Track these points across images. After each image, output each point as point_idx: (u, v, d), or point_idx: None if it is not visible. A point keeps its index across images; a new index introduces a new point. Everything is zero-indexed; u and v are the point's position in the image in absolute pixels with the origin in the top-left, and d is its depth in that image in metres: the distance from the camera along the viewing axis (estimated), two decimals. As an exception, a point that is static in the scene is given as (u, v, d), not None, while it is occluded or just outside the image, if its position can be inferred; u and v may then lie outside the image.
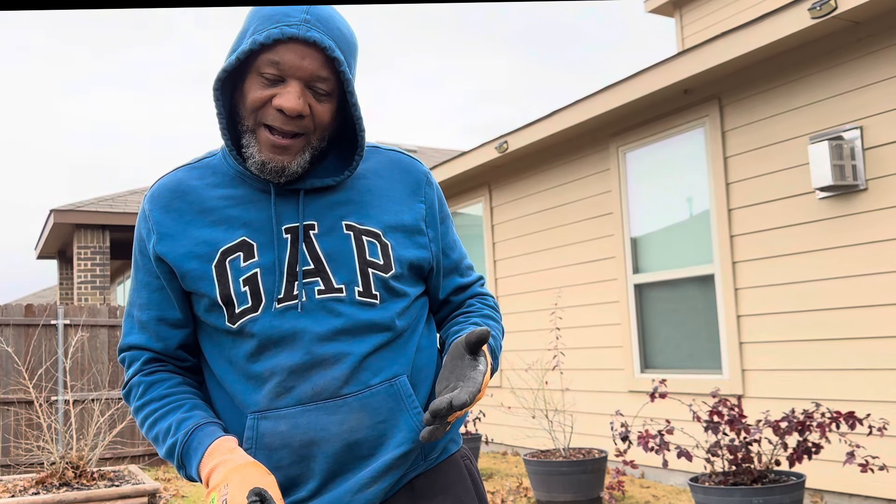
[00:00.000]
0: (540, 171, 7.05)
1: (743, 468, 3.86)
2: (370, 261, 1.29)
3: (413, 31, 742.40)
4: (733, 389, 5.09)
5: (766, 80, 5.00)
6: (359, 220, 1.31)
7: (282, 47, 1.20)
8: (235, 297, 1.26)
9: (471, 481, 1.42)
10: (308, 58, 1.21)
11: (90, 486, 6.10)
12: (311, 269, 1.27)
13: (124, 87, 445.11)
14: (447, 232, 1.45)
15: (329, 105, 1.26)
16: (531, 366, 6.85)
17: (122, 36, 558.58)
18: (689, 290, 5.59)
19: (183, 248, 1.29)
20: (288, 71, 1.21)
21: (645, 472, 5.84)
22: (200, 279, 1.28)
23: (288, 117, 1.22)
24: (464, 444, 1.50)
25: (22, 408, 7.52)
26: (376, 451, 1.29)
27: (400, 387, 1.31)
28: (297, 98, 1.21)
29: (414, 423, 1.31)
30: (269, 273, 1.27)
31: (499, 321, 1.49)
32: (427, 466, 1.36)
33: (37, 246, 12.63)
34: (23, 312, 7.84)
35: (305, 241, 1.28)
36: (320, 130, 1.27)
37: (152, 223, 1.32)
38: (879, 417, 4.13)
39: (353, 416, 1.27)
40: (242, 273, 1.27)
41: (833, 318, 4.58)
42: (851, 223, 4.49)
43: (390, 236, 1.32)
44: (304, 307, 1.26)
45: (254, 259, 1.27)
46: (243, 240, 1.28)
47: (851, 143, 4.46)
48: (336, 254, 1.28)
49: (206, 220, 1.30)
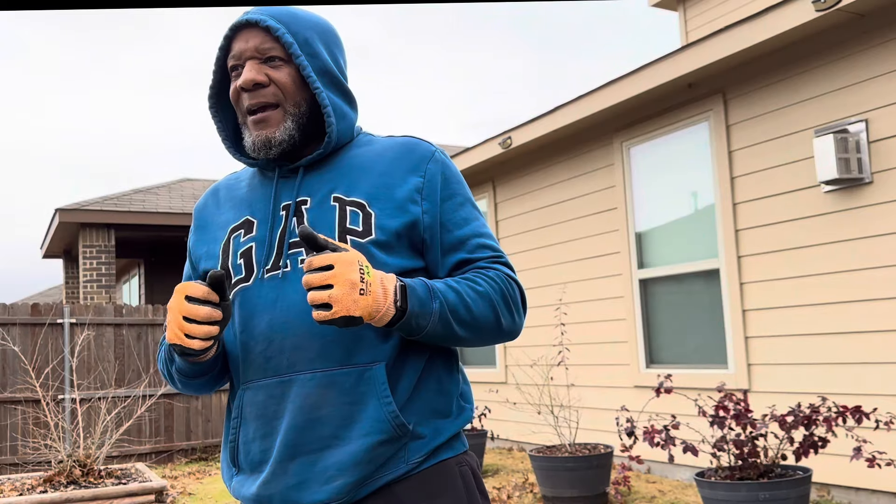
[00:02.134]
0: (544, 167, 7.04)
1: (749, 463, 3.86)
2: (349, 228, 1.31)
3: (414, 26, 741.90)
4: (739, 384, 5.09)
5: (771, 73, 4.98)
6: (346, 192, 1.35)
7: (234, 43, 1.36)
8: (232, 268, 1.37)
9: (465, 491, 1.33)
10: (251, 38, 1.34)
11: (97, 484, 6.12)
12: (298, 241, 1.33)
13: (125, 86, 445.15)
14: (452, 208, 1.39)
15: (286, 70, 1.35)
16: (536, 361, 6.85)
17: (122, 35, 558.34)
18: (694, 284, 5.58)
19: (207, 234, 1.45)
20: (241, 57, 1.35)
21: (651, 467, 5.83)
22: (208, 258, 1.42)
23: (250, 91, 1.34)
24: (470, 448, 1.40)
25: (29, 406, 7.55)
26: (341, 434, 1.27)
27: (374, 373, 1.28)
28: (248, 72, 1.33)
29: (384, 414, 1.26)
30: (262, 246, 1.35)
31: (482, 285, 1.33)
32: (409, 470, 1.30)
33: (42, 245, 12.66)
34: (29, 312, 7.86)
35: (297, 215, 1.35)
36: (290, 96, 1.35)
37: (194, 219, 1.52)
38: (886, 412, 4.12)
39: (318, 390, 1.27)
40: (241, 247, 1.37)
41: (839, 312, 4.56)
42: (857, 216, 4.47)
43: (375, 206, 1.33)
44: (285, 275, 1.32)
45: (252, 234, 1.37)
46: (247, 218, 1.40)
47: (857, 136, 4.44)
48: (319, 224, 1.33)
49: (227, 206, 1.45)
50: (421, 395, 1.32)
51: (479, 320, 1.31)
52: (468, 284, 1.32)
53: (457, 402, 1.38)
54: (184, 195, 12.21)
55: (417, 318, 1.23)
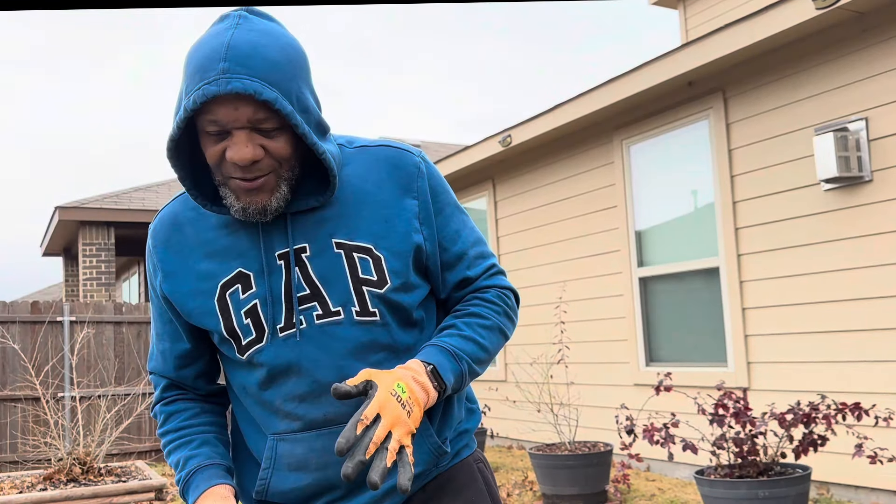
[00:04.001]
0: (544, 165, 7.03)
1: (748, 461, 3.86)
2: (363, 278, 1.26)
3: (413, 24, 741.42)
4: (738, 382, 5.09)
5: (771, 71, 4.98)
6: (348, 236, 1.27)
7: (213, 105, 1.15)
8: (239, 329, 1.28)
9: (484, 484, 1.41)
10: (240, 107, 1.15)
11: (97, 481, 6.12)
12: (307, 294, 1.26)
13: (124, 83, 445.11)
14: (444, 223, 1.35)
15: (283, 138, 1.20)
16: (536, 360, 6.85)
17: (122, 32, 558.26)
18: (694, 282, 5.58)
19: (185, 285, 1.31)
20: (227, 125, 1.17)
21: (650, 465, 5.84)
22: (205, 315, 1.30)
23: (245, 167, 1.19)
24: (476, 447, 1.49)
25: (29, 404, 7.55)
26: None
27: None
28: (244, 147, 1.17)
29: (428, 446, 1.31)
30: (267, 303, 1.27)
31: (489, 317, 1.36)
32: (439, 471, 1.37)
33: (42, 243, 12.66)
34: (29, 309, 7.86)
35: (298, 265, 1.27)
36: (285, 163, 1.22)
37: (156, 260, 1.35)
38: (885, 408, 4.12)
39: None
40: (243, 305, 1.28)
41: (839, 310, 4.56)
42: (857, 215, 4.47)
43: (382, 248, 1.28)
44: (302, 334, 1.27)
45: (252, 290, 1.28)
46: (239, 271, 1.28)
47: (856, 134, 4.44)
48: (329, 275, 1.26)
49: (202, 252, 1.31)
50: (446, 413, 1.36)
51: (494, 352, 1.38)
52: (478, 324, 1.35)
53: (466, 406, 1.45)
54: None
55: (454, 386, 1.28)
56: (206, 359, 1.41)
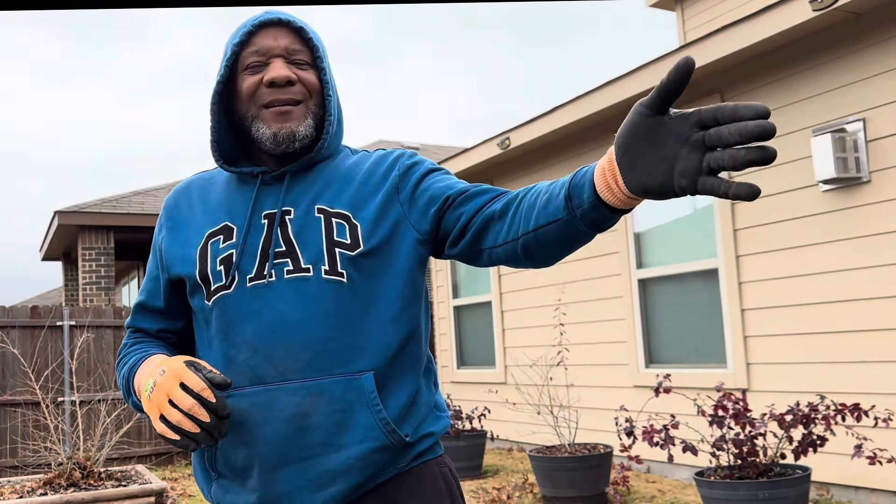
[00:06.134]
0: (542, 168, 7.04)
1: (748, 462, 3.86)
2: (337, 241, 1.32)
3: (411, 25, 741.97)
4: (738, 383, 5.09)
5: (768, 73, 4.99)
6: (329, 203, 1.35)
7: (257, 38, 1.36)
8: (211, 275, 1.34)
9: (445, 487, 1.39)
10: (280, 36, 1.36)
11: (97, 486, 6.12)
12: (282, 251, 1.32)
13: (123, 88, 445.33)
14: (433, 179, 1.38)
15: (313, 72, 1.37)
16: (535, 362, 6.85)
17: (120, 37, 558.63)
18: (693, 284, 5.59)
19: (180, 237, 1.41)
20: (268, 52, 1.35)
21: (650, 466, 5.84)
22: (185, 262, 1.38)
23: (280, 87, 1.34)
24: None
25: (29, 409, 7.54)
26: (332, 441, 1.28)
27: (362, 382, 1.29)
28: (282, 68, 1.34)
29: (375, 421, 1.28)
30: (243, 254, 1.34)
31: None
32: (397, 471, 1.34)
33: (41, 248, 12.66)
34: (28, 314, 7.86)
35: (281, 226, 1.34)
36: (315, 95, 1.37)
37: (163, 218, 1.47)
38: (885, 409, 4.13)
39: (307, 399, 1.28)
40: (220, 254, 1.35)
41: (838, 311, 4.57)
42: (855, 216, 4.48)
43: (359, 218, 1.34)
44: (270, 286, 1.31)
45: (231, 241, 1.35)
46: (225, 224, 1.37)
47: (854, 135, 4.45)
48: (306, 236, 1.33)
49: (201, 209, 1.42)
50: (412, 412, 1.35)
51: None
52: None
53: (434, 413, 1.42)
54: (183, 197, 12.19)
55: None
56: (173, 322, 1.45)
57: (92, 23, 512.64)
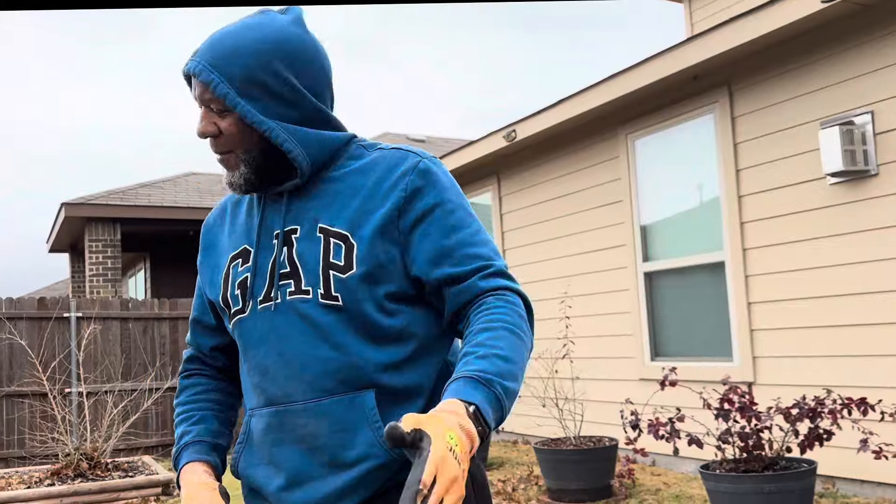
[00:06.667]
0: (548, 160, 7.03)
1: (754, 455, 3.85)
2: (332, 263, 1.30)
3: (417, 18, 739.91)
4: (744, 377, 5.08)
5: (776, 65, 4.96)
6: (330, 222, 1.32)
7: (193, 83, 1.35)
8: (230, 299, 1.38)
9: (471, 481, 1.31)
10: (197, 87, 1.32)
11: (104, 476, 6.16)
12: (287, 272, 1.33)
13: (130, 79, 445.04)
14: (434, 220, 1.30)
15: (231, 118, 1.31)
16: (541, 355, 6.85)
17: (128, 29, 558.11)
18: (699, 277, 5.57)
19: (211, 259, 1.47)
20: (198, 101, 1.34)
21: (656, 459, 5.84)
22: (214, 286, 1.43)
23: (209, 142, 1.35)
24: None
25: (36, 400, 7.58)
26: (339, 461, 1.28)
27: (363, 399, 1.28)
28: (200, 123, 1.33)
29: (375, 438, 1.26)
30: (255, 276, 1.35)
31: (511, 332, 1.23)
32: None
33: (48, 239, 12.70)
34: (35, 306, 7.90)
35: (287, 245, 1.34)
36: (237, 144, 1.32)
37: (202, 238, 1.53)
38: (892, 403, 4.12)
39: (313, 420, 1.29)
40: (238, 277, 1.38)
41: (844, 305, 4.55)
42: (863, 208, 4.46)
43: (357, 236, 1.29)
44: (276, 308, 1.32)
45: (247, 264, 1.37)
46: (244, 247, 1.39)
47: (862, 127, 4.42)
48: (307, 257, 1.32)
49: (228, 231, 1.46)
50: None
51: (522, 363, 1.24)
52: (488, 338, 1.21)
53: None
54: (189, 189, 12.23)
55: (494, 419, 1.16)
56: (223, 336, 1.49)
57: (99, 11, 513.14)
